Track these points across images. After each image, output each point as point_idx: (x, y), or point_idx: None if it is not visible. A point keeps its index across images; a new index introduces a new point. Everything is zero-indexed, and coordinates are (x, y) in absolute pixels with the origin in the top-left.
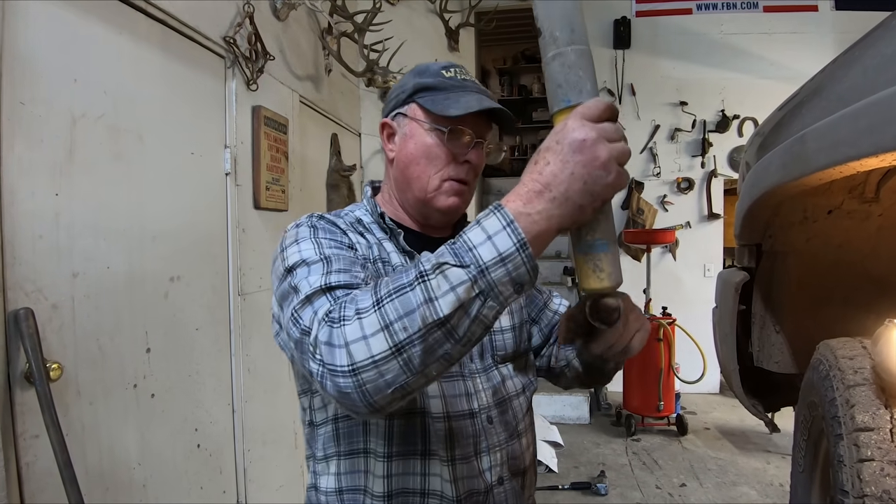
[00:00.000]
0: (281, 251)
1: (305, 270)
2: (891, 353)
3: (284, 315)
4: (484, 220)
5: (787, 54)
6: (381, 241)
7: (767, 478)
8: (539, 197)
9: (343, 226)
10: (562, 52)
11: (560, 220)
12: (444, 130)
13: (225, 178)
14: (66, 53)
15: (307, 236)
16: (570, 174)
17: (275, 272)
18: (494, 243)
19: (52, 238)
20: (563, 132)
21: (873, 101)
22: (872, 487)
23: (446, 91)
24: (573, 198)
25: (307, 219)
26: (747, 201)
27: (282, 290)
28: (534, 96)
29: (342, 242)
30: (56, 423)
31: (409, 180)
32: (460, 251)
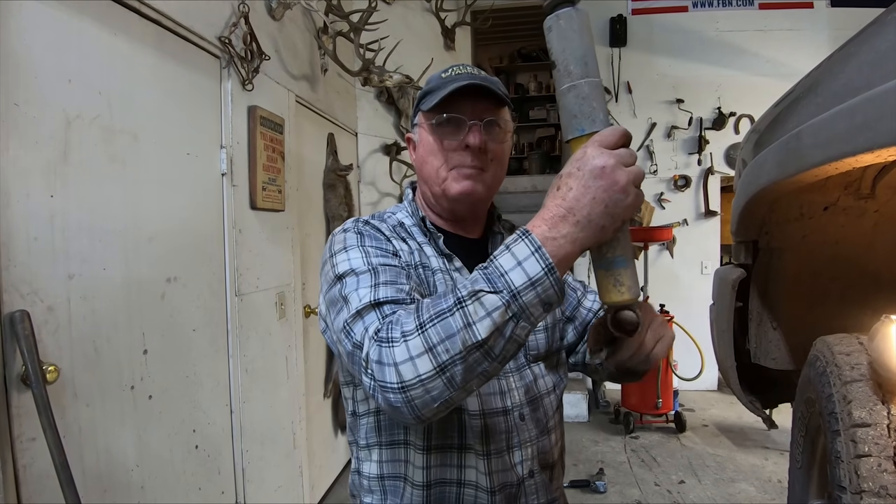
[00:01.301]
0: (330, 256)
1: (354, 281)
2: (887, 348)
3: (335, 322)
4: (513, 246)
5: (782, 51)
6: (421, 246)
7: (766, 474)
8: (563, 221)
9: (387, 231)
10: (576, 84)
11: (584, 242)
12: (431, 123)
13: (221, 178)
14: (61, 54)
15: (355, 244)
16: (591, 198)
17: (324, 276)
18: (524, 269)
19: (48, 240)
20: (584, 159)
21: (868, 96)
22: (870, 483)
23: (440, 89)
24: (595, 220)
25: (353, 224)
26: (743, 198)
27: (331, 296)
28: (530, 95)
29: (387, 250)
30: (53, 426)
31: (425, 180)
32: (493, 277)
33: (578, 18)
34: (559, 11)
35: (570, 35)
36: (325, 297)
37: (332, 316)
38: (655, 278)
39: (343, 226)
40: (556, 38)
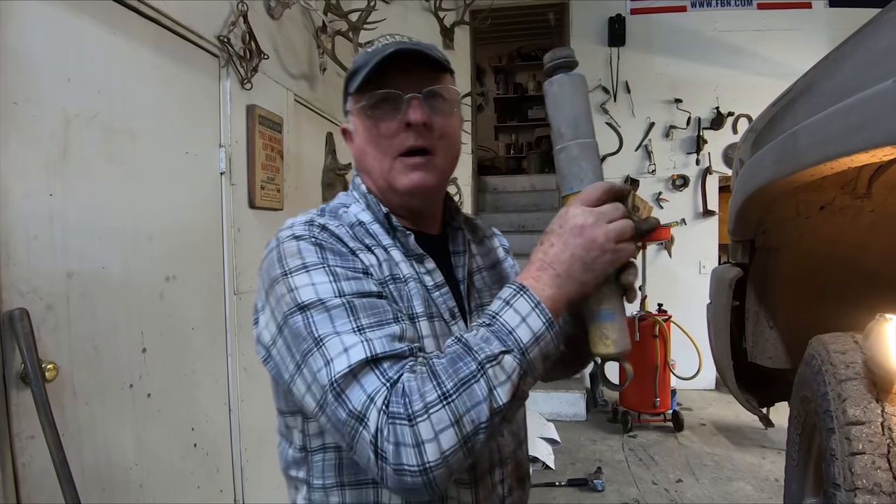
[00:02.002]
0: (284, 274)
1: (326, 319)
2: (882, 347)
3: (306, 369)
4: (514, 302)
5: (781, 51)
6: (387, 250)
7: (763, 473)
8: (547, 277)
9: (348, 238)
10: (566, 146)
11: (567, 297)
12: (371, 112)
13: (220, 177)
14: (60, 53)
15: (317, 261)
16: (570, 255)
17: (274, 295)
18: (529, 325)
19: (47, 238)
20: (565, 217)
21: (864, 96)
22: (864, 480)
23: (364, 67)
24: (575, 276)
25: (306, 229)
26: (741, 197)
27: (294, 330)
28: (529, 94)
29: (356, 269)
30: (52, 424)
31: (368, 173)
32: (502, 335)
33: (571, 84)
34: (553, 77)
35: (562, 100)
36: (277, 324)
37: (293, 355)
38: (653, 278)
39: (292, 228)
40: (551, 102)
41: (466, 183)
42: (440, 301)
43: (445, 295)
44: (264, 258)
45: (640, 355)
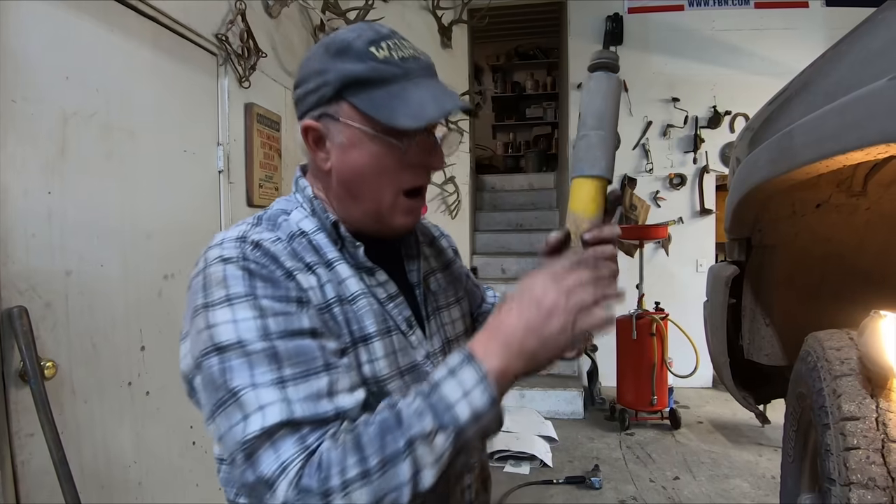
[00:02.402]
0: (205, 304)
1: (245, 366)
2: (876, 343)
3: (220, 421)
4: (458, 371)
5: (778, 50)
6: (332, 265)
7: (760, 470)
8: (499, 347)
9: (286, 256)
10: (588, 134)
11: (517, 371)
12: (397, 144)
13: (218, 175)
14: (58, 51)
15: (242, 293)
16: (524, 328)
17: (194, 325)
18: (470, 401)
19: (46, 236)
20: (528, 283)
21: (858, 95)
22: (858, 475)
23: (386, 84)
24: (528, 350)
25: (237, 248)
26: (737, 196)
27: (209, 374)
28: (527, 93)
29: (289, 300)
30: (51, 422)
31: (355, 197)
32: (439, 409)
33: (608, 83)
34: (594, 73)
35: (595, 94)
36: (195, 359)
37: (209, 400)
38: (650, 276)
39: (221, 247)
40: (585, 93)
41: (465, 182)
42: (395, 313)
43: (400, 305)
44: (191, 279)
45: (637, 353)
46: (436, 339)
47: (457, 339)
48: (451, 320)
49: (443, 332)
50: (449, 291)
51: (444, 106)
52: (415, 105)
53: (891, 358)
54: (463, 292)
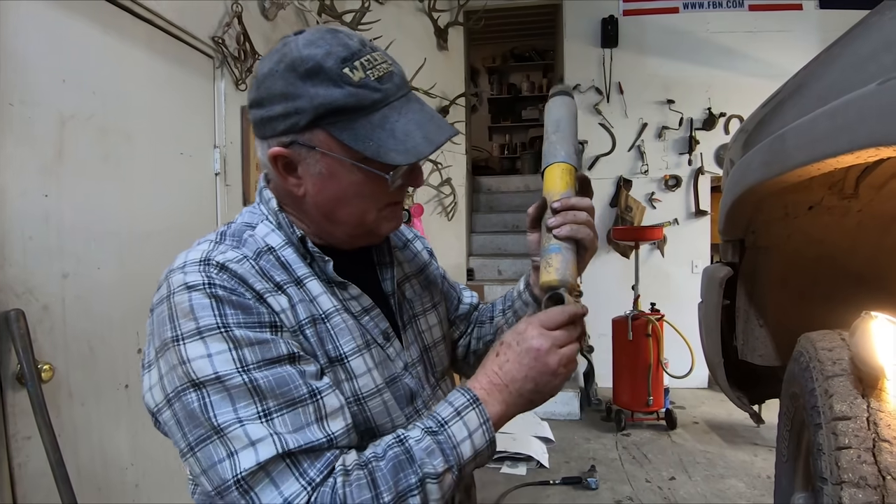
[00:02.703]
0: (175, 339)
1: (226, 401)
2: (867, 344)
3: (203, 459)
4: (465, 414)
5: (772, 52)
6: (302, 283)
7: (755, 470)
8: (499, 391)
9: (254, 279)
10: (549, 137)
11: (512, 414)
12: (385, 177)
13: (214, 178)
14: (55, 54)
15: (214, 324)
16: (524, 376)
17: (164, 360)
18: (473, 441)
19: (43, 239)
20: (523, 336)
21: (849, 99)
22: (850, 474)
23: (366, 113)
24: (525, 396)
25: (201, 273)
26: (730, 198)
27: (188, 410)
28: (523, 94)
29: (262, 324)
30: (48, 424)
31: (336, 221)
32: (447, 448)
33: (562, 100)
34: (553, 97)
35: (554, 109)
36: (166, 395)
37: (186, 436)
38: (646, 277)
39: (184, 271)
40: (545, 112)
41: (461, 184)
42: (371, 326)
43: (377, 318)
44: (154, 306)
45: (633, 354)
46: (413, 348)
47: (435, 345)
48: (428, 327)
49: (420, 341)
50: (425, 297)
51: (433, 139)
52: (401, 137)
53: (881, 358)
54: (439, 296)
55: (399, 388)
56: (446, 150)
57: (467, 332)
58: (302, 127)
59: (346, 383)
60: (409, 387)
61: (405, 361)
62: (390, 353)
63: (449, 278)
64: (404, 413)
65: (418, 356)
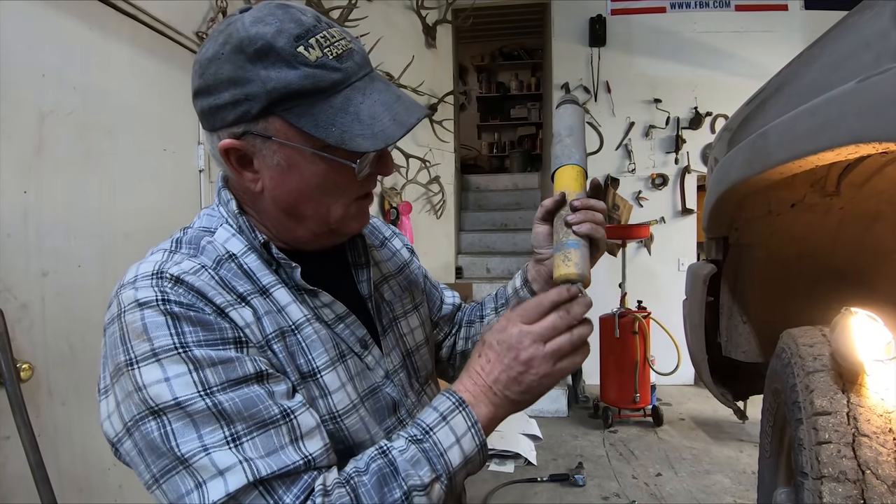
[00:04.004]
0: (129, 363)
1: (189, 427)
2: (847, 339)
3: (162, 484)
4: (451, 419)
5: (757, 52)
6: (268, 293)
7: (740, 466)
8: (484, 393)
9: (214, 292)
10: (563, 139)
11: (501, 416)
12: (351, 165)
13: (199, 174)
14: (33, 49)
15: (169, 345)
16: (507, 377)
17: (119, 385)
18: (462, 447)
19: (21, 236)
20: (503, 333)
21: (829, 97)
22: (830, 468)
23: (325, 95)
24: (511, 397)
25: (154, 288)
26: (714, 195)
27: (148, 441)
28: (512, 93)
29: (225, 341)
30: (28, 424)
31: (299, 218)
32: (433, 457)
33: (574, 109)
34: (563, 105)
35: (565, 116)
36: (125, 423)
37: (149, 466)
38: (633, 275)
39: (135, 286)
40: (556, 118)
41: (449, 182)
42: (346, 334)
43: (352, 325)
44: (105, 325)
45: (620, 351)
46: (394, 354)
47: (417, 349)
48: (409, 329)
49: (402, 345)
50: (405, 298)
51: (403, 121)
52: (367, 120)
53: (861, 354)
54: (421, 297)
55: (379, 398)
56: (435, 149)
57: (451, 332)
58: (255, 115)
59: (320, 400)
60: (391, 396)
61: (386, 369)
62: (369, 361)
63: (431, 277)
64: (385, 426)
65: (400, 362)
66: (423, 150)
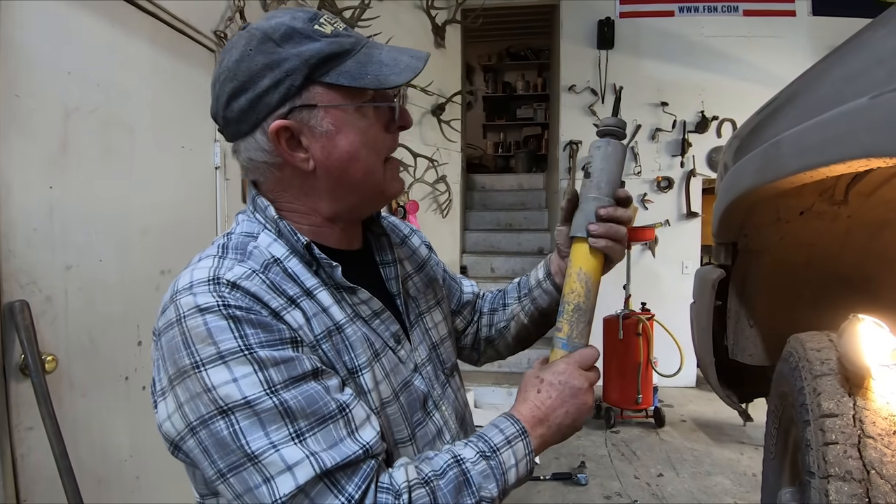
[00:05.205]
0: (195, 366)
1: (256, 425)
2: (854, 345)
3: (229, 478)
4: (514, 444)
5: (764, 58)
6: (313, 295)
7: (741, 468)
8: (540, 424)
9: (268, 296)
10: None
11: (549, 443)
12: (391, 105)
13: (214, 171)
14: (60, 46)
15: (235, 348)
16: (564, 412)
17: (183, 388)
18: (518, 469)
19: (46, 231)
20: (566, 375)
21: (841, 111)
22: (836, 468)
23: (349, 55)
24: (563, 430)
25: (213, 294)
26: (724, 202)
27: (218, 438)
28: (518, 93)
29: (284, 341)
30: (52, 415)
31: (353, 183)
32: (498, 474)
33: (612, 149)
34: (607, 139)
35: (606, 159)
36: (189, 423)
37: (214, 463)
38: (637, 277)
39: (192, 292)
40: (599, 155)
41: (456, 181)
42: (382, 329)
43: (387, 320)
44: (161, 330)
45: (623, 353)
46: (422, 348)
47: (442, 342)
48: (434, 324)
49: (428, 339)
50: (428, 294)
51: (419, 56)
52: (391, 63)
53: (868, 359)
54: (442, 292)
55: (411, 392)
56: (442, 148)
57: (473, 319)
58: (298, 87)
59: (362, 396)
60: (420, 389)
61: (415, 363)
62: (401, 355)
63: (449, 270)
64: (416, 418)
65: (427, 355)
66: (431, 150)
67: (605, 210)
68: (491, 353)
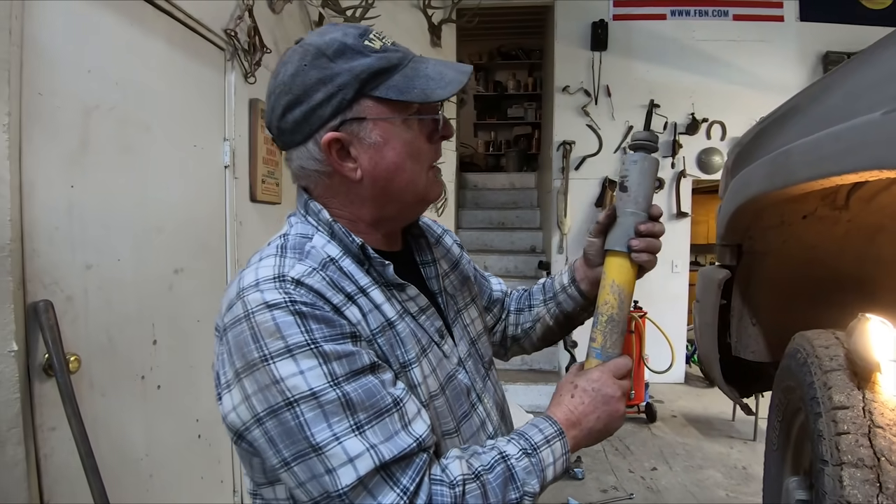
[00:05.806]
0: (263, 359)
1: (320, 417)
2: (864, 342)
3: (294, 467)
4: (553, 443)
5: (753, 61)
6: (367, 293)
7: (731, 461)
8: (573, 427)
9: (329, 292)
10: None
11: (580, 446)
12: (436, 118)
13: (224, 170)
14: (80, 44)
15: (302, 342)
16: (596, 418)
17: (251, 380)
18: (555, 467)
19: (67, 230)
20: (600, 382)
21: (854, 124)
22: (849, 456)
23: (397, 70)
24: (594, 434)
25: (280, 291)
26: (732, 206)
27: (285, 428)
28: (509, 93)
29: (345, 335)
30: (77, 415)
31: (397, 192)
32: (537, 469)
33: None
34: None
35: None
36: (255, 414)
37: (279, 451)
38: None
39: (259, 289)
40: (634, 170)
41: (450, 179)
42: (428, 325)
43: (432, 317)
44: (228, 326)
45: None
46: (462, 343)
47: (479, 337)
48: (471, 320)
49: (467, 334)
50: (464, 291)
51: (464, 71)
52: (437, 77)
53: (876, 355)
54: (475, 289)
55: (456, 385)
56: None
57: (502, 317)
58: (349, 101)
59: (413, 390)
60: (464, 382)
61: (458, 357)
62: (446, 350)
63: (478, 268)
64: (462, 411)
65: (467, 350)
66: None
67: (645, 226)
68: (516, 349)
